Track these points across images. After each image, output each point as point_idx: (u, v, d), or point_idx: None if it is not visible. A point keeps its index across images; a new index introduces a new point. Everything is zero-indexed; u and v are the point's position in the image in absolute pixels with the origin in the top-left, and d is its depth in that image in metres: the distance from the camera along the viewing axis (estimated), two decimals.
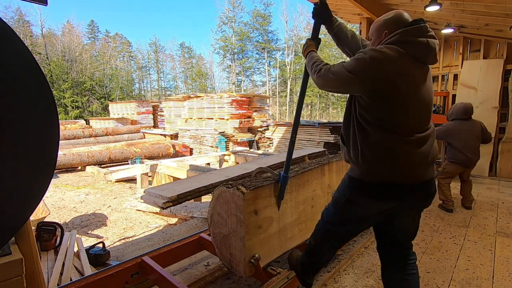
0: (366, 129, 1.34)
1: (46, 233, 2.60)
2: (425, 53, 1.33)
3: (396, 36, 1.34)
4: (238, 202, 1.67)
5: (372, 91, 1.31)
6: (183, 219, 4.48)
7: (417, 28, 1.32)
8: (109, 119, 18.01)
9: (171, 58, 43.89)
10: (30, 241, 1.46)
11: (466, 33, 5.88)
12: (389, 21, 1.43)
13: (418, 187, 1.37)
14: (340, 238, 1.63)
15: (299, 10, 42.01)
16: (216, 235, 1.87)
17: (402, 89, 1.29)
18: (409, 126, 1.32)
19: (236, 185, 1.71)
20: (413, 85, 1.31)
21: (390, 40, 1.35)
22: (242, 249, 1.70)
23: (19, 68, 1.20)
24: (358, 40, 1.71)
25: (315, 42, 1.76)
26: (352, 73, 1.30)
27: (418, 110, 1.33)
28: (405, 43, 1.31)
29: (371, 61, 1.27)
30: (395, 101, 1.29)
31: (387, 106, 1.30)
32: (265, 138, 12.22)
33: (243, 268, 1.72)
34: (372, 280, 2.21)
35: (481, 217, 3.57)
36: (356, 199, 1.43)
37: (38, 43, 32.14)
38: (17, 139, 1.22)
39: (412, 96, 1.31)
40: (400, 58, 1.29)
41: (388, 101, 1.30)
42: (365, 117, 1.34)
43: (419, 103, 1.33)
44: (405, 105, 1.30)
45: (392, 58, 1.28)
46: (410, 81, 1.30)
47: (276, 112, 34.43)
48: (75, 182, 8.17)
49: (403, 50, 1.30)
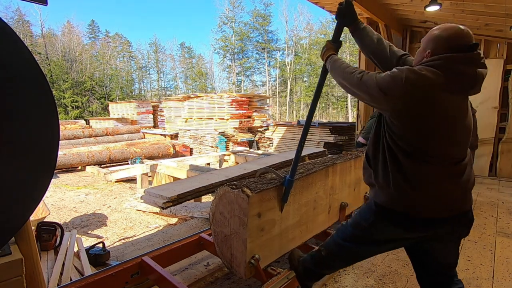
0: (398, 156, 1.23)
1: (46, 233, 2.60)
2: (470, 85, 1.19)
3: (440, 61, 1.18)
4: (242, 205, 1.65)
5: (402, 114, 1.20)
6: (183, 219, 4.48)
7: (468, 56, 1.17)
8: (109, 119, 18.02)
9: (171, 58, 43.94)
10: (30, 241, 1.46)
11: None
12: (438, 39, 1.24)
13: (454, 219, 1.26)
14: (355, 256, 1.55)
15: (299, 10, 42.11)
16: (217, 234, 1.86)
17: (438, 114, 1.17)
18: (445, 156, 1.21)
19: (241, 186, 1.69)
20: (451, 112, 1.18)
21: (432, 63, 1.20)
22: (244, 251, 1.69)
23: (19, 68, 1.20)
24: (385, 47, 1.54)
25: (336, 45, 1.61)
26: (383, 91, 1.19)
27: (455, 140, 1.22)
28: (449, 70, 1.16)
29: (406, 83, 1.15)
30: (429, 126, 1.18)
31: (420, 133, 1.19)
32: (265, 138, 12.24)
33: (244, 270, 1.72)
34: (372, 280, 2.21)
35: (481, 217, 3.57)
36: (380, 226, 1.35)
37: (38, 43, 32.15)
38: (17, 139, 1.22)
39: (449, 124, 1.19)
40: (440, 81, 1.15)
41: (421, 128, 1.19)
42: (397, 144, 1.23)
43: (457, 132, 1.21)
44: (440, 132, 1.19)
45: (431, 80, 1.15)
46: (448, 108, 1.17)
47: (276, 112, 34.44)
48: (75, 182, 8.17)
49: (445, 76, 1.16)
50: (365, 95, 1.28)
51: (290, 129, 10.50)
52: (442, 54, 1.19)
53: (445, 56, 1.18)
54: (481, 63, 1.18)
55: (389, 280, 2.21)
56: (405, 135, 1.21)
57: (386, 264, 2.46)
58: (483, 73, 1.18)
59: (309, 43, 34.76)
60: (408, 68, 1.20)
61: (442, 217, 1.24)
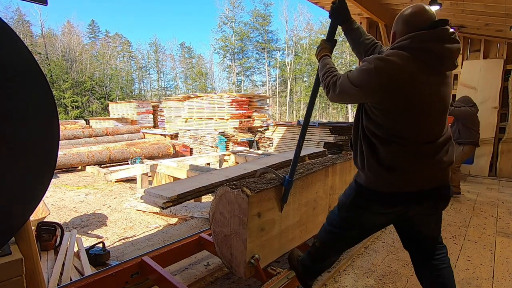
0: (371, 140, 1.28)
1: (46, 233, 2.60)
2: (440, 62, 1.18)
3: (406, 40, 1.19)
4: (242, 205, 1.65)
5: (378, 103, 1.23)
6: (183, 219, 4.48)
7: (434, 33, 1.16)
8: (109, 119, 18.01)
9: (171, 58, 43.95)
10: (30, 241, 1.46)
11: (466, 33, 5.88)
12: (401, 20, 1.26)
13: (429, 193, 1.30)
14: (346, 241, 1.59)
15: (299, 10, 42.15)
16: (217, 234, 1.86)
17: (411, 101, 1.18)
18: (418, 138, 1.23)
19: (240, 186, 1.69)
20: (423, 95, 1.19)
21: (399, 44, 1.21)
22: (243, 251, 1.70)
23: (19, 68, 1.20)
24: (377, 48, 1.56)
25: (330, 45, 1.61)
26: (356, 86, 1.21)
27: (429, 121, 1.24)
28: (416, 50, 1.16)
29: (375, 72, 1.15)
30: (403, 114, 1.21)
31: (394, 119, 1.22)
32: (265, 138, 12.23)
33: (243, 270, 1.72)
34: (372, 280, 2.21)
35: (481, 217, 3.57)
36: (361, 204, 1.41)
37: (38, 43, 32.15)
38: (17, 139, 1.22)
39: (423, 107, 1.20)
40: (409, 67, 1.15)
41: (395, 114, 1.21)
42: (371, 129, 1.28)
43: (431, 114, 1.23)
44: (415, 118, 1.21)
45: (400, 67, 1.15)
46: (420, 91, 1.18)
47: (276, 112, 34.44)
48: (75, 182, 8.17)
49: (413, 57, 1.16)
50: (344, 95, 1.31)
51: (290, 129, 10.50)
52: (409, 34, 1.19)
53: (412, 35, 1.18)
54: (451, 39, 1.17)
55: (389, 280, 2.21)
56: (379, 120, 1.25)
57: (386, 264, 2.46)
58: (452, 48, 1.17)
59: (309, 43, 34.78)
60: (375, 56, 1.21)
61: (415, 191, 1.28)
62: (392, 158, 1.26)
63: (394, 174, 1.27)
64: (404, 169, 1.26)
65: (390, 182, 1.28)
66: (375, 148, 1.28)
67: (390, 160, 1.26)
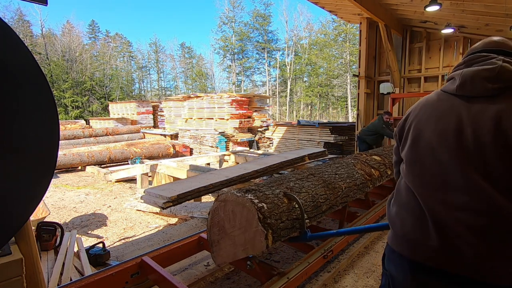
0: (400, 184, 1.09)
1: (46, 233, 2.60)
2: (459, 86, 0.94)
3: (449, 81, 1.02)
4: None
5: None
6: (183, 219, 4.48)
7: (470, 59, 1.00)
8: (109, 119, 18.03)
9: (171, 58, 43.92)
10: (30, 241, 1.46)
11: (466, 33, 5.88)
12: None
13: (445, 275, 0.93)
14: None
15: (299, 10, 42.15)
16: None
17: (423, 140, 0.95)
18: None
19: (261, 227, 1.61)
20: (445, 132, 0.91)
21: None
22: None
23: (19, 68, 1.20)
24: None
25: None
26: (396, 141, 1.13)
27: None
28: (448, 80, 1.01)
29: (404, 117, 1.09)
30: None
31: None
32: (265, 138, 12.25)
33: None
34: (372, 280, 2.21)
35: None
36: (387, 263, 1.11)
37: (38, 43, 32.15)
38: (17, 139, 1.22)
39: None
40: (434, 103, 0.98)
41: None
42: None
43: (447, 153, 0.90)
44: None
45: (419, 107, 1.02)
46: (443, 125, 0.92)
47: (276, 112, 34.45)
48: (75, 182, 8.17)
49: (444, 91, 1.00)
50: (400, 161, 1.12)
51: (290, 129, 10.50)
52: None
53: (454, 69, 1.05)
54: (481, 61, 1.00)
55: None
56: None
57: None
58: (479, 71, 0.98)
59: (309, 43, 34.75)
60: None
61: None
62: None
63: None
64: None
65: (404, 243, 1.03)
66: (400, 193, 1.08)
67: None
